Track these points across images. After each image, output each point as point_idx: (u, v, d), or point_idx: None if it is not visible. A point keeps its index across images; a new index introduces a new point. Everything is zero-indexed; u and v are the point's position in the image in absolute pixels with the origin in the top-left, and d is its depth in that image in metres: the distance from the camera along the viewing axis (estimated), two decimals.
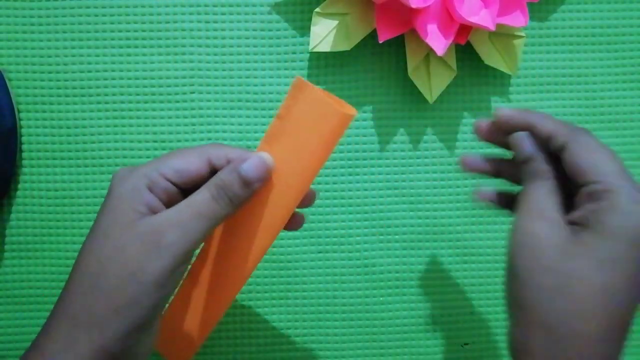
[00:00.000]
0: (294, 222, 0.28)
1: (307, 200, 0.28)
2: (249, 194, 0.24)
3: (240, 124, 0.36)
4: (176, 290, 0.25)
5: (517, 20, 0.32)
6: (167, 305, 0.26)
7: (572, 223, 0.23)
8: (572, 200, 0.24)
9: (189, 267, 0.27)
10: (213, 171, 0.24)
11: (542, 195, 0.24)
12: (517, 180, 0.29)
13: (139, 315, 0.22)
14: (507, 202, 0.30)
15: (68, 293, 0.23)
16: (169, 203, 0.24)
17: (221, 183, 0.23)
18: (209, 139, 0.36)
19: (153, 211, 0.23)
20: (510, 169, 0.29)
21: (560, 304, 0.22)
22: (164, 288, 0.22)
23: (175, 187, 0.24)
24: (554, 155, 0.25)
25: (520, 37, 0.34)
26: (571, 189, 0.24)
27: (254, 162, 0.23)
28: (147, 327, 0.23)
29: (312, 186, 0.37)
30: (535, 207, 0.24)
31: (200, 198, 0.23)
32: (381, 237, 0.37)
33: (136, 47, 0.35)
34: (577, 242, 0.22)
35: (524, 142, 0.25)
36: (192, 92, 0.36)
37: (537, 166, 0.25)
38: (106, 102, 0.35)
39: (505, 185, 0.29)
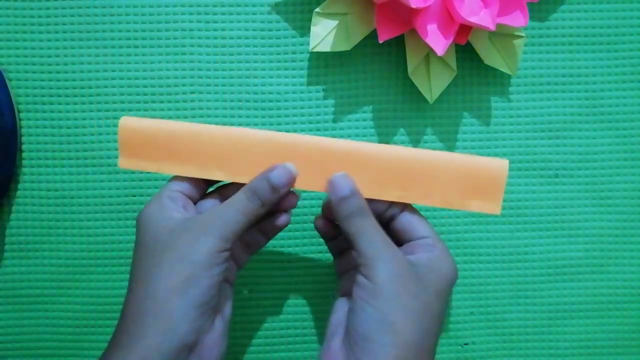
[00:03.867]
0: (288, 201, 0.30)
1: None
2: (277, 197, 0.28)
3: (240, 124, 0.36)
4: None
5: (517, 20, 0.32)
6: None
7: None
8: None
9: None
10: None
11: (380, 230, 0.27)
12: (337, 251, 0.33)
13: (198, 294, 0.25)
14: (336, 243, 0.33)
15: (129, 295, 0.26)
16: (187, 211, 0.28)
17: (255, 187, 0.27)
18: None
19: (182, 217, 0.27)
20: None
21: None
22: (213, 268, 0.26)
23: (187, 197, 0.29)
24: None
25: (520, 37, 0.34)
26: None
27: (281, 172, 0.28)
28: (210, 312, 0.26)
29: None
30: (380, 248, 0.27)
31: (237, 198, 0.27)
32: None
33: (136, 47, 0.35)
34: (419, 279, 0.26)
35: (342, 180, 0.28)
36: (192, 92, 0.36)
37: (358, 202, 0.27)
38: (106, 102, 0.35)
39: None
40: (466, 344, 0.37)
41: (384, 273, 0.26)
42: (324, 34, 0.33)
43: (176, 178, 0.29)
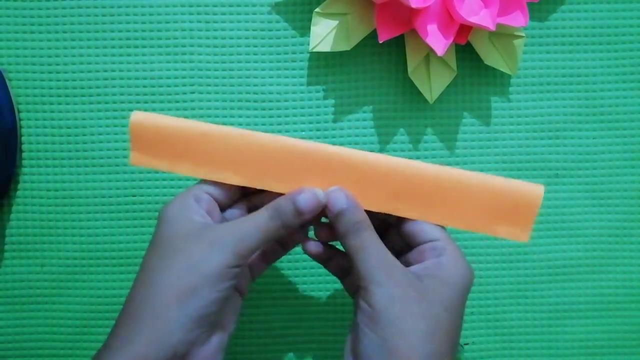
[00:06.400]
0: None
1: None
2: (301, 221, 0.26)
3: (240, 124, 0.36)
4: None
5: (517, 20, 0.32)
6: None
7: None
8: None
9: None
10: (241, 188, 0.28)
11: (378, 247, 0.26)
12: (343, 272, 0.31)
13: (199, 306, 0.24)
14: (334, 264, 0.30)
15: (131, 293, 0.25)
16: (211, 216, 0.27)
17: (278, 208, 0.26)
18: None
19: (203, 221, 0.26)
20: (339, 259, 0.30)
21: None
22: (221, 283, 0.24)
23: (215, 201, 0.27)
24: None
25: (520, 37, 0.34)
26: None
27: (308, 196, 0.26)
28: (207, 326, 0.25)
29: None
30: (376, 268, 0.25)
31: (259, 215, 0.26)
32: None
33: (136, 47, 0.35)
34: (423, 296, 0.25)
35: (338, 194, 0.26)
36: (192, 92, 0.36)
37: (355, 216, 0.26)
38: (106, 102, 0.35)
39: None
40: (466, 344, 0.37)
41: (381, 296, 0.24)
42: (324, 34, 0.33)
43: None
